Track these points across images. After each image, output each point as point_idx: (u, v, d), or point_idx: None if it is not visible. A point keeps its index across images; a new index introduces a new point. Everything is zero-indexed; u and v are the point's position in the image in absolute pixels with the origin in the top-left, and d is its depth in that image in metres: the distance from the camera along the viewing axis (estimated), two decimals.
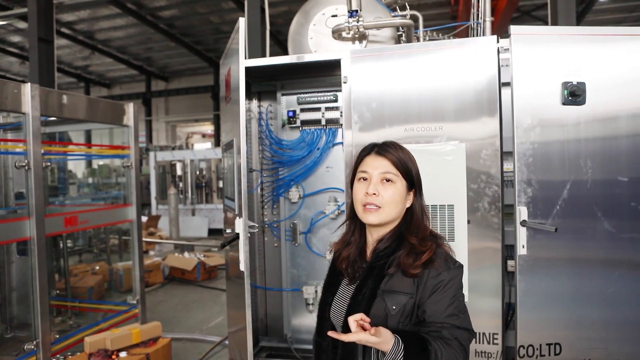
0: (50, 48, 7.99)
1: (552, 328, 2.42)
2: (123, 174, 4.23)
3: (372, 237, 1.50)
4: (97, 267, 5.51)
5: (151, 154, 12.96)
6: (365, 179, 1.45)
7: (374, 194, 1.41)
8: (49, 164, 4.97)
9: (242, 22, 2.49)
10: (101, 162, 11.51)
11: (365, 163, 1.47)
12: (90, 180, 11.69)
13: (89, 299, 4.75)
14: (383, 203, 1.41)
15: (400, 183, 1.44)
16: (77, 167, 11.99)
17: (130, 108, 4.01)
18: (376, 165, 1.44)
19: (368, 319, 1.26)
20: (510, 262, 2.67)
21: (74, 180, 10.63)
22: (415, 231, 1.44)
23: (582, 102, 2.37)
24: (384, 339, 1.24)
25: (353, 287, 1.47)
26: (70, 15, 12.49)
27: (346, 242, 1.55)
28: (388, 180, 1.43)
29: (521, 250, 2.37)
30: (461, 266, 1.42)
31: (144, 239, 7.89)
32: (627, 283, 2.42)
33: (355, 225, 1.54)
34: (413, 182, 1.47)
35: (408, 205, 1.47)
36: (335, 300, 1.51)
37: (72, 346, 3.54)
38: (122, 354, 3.40)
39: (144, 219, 9.60)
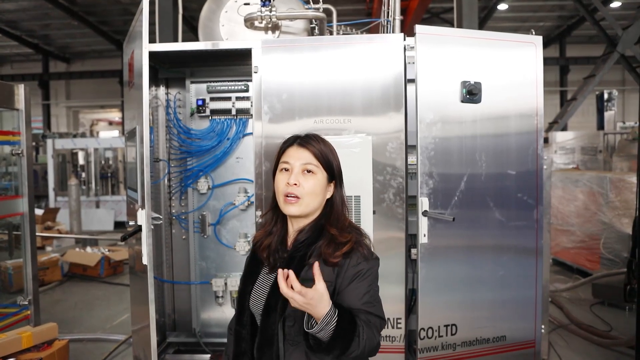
0: None
1: (449, 310, 2.59)
2: (14, 163, 3.83)
3: (293, 228, 1.54)
4: None
5: (49, 141, 11.82)
6: (287, 170, 1.49)
7: (295, 184, 1.45)
8: None
9: (145, 3, 2.35)
10: None
11: (287, 154, 1.51)
12: None
13: None
14: (303, 194, 1.46)
15: (321, 174, 1.49)
16: None
17: (20, 90, 3.62)
18: (298, 157, 1.48)
19: (296, 282, 1.26)
20: (413, 251, 2.80)
21: None
22: (335, 222, 1.50)
23: (478, 101, 2.55)
24: (313, 301, 1.25)
25: (273, 276, 1.49)
26: None
27: (268, 232, 1.58)
28: (309, 172, 1.48)
29: (423, 239, 2.49)
30: (378, 259, 1.52)
31: (39, 234, 7.22)
32: (513, 266, 2.66)
33: (278, 216, 1.57)
34: (334, 174, 1.53)
35: (328, 196, 1.53)
36: (254, 289, 1.53)
37: None
38: None
39: (40, 211, 8.78)
